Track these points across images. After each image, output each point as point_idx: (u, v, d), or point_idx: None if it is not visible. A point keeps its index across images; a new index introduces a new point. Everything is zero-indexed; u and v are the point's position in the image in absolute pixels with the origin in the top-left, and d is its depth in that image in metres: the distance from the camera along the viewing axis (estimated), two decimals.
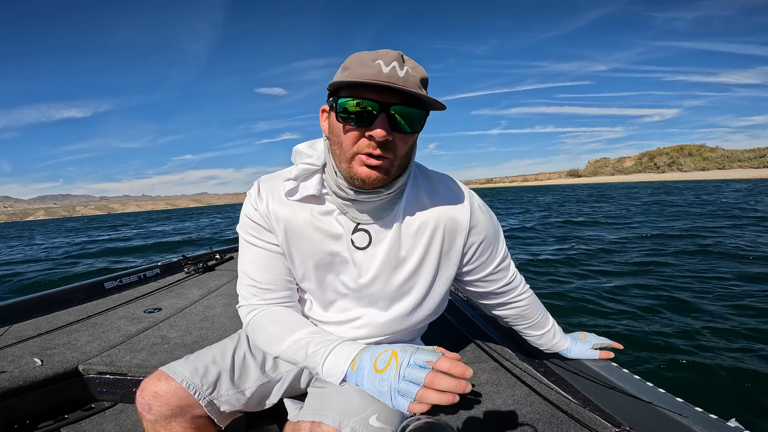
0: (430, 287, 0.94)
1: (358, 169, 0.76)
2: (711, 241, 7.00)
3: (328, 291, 0.95)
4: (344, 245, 0.88)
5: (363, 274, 0.90)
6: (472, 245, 0.95)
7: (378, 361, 0.70)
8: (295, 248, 0.90)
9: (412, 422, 0.60)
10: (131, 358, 1.48)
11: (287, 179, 0.88)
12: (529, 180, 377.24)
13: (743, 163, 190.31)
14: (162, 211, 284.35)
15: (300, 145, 0.90)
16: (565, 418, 1.05)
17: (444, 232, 0.90)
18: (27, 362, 1.43)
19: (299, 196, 0.87)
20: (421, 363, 0.65)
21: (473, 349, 1.54)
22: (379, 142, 0.73)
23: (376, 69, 0.70)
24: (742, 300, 3.62)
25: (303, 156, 0.87)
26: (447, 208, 0.91)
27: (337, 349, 0.77)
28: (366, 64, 0.71)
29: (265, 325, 0.90)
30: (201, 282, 2.82)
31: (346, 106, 0.73)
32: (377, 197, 0.82)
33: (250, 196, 0.93)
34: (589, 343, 1.25)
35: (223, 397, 0.92)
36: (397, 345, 0.72)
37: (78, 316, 2.00)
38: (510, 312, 1.13)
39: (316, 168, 0.86)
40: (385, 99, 0.72)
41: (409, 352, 0.68)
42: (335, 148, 0.80)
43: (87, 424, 1.33)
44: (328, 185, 0.86)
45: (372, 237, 0.88)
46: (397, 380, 0.65)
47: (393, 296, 0.93)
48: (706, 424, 0.90)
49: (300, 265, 0.92)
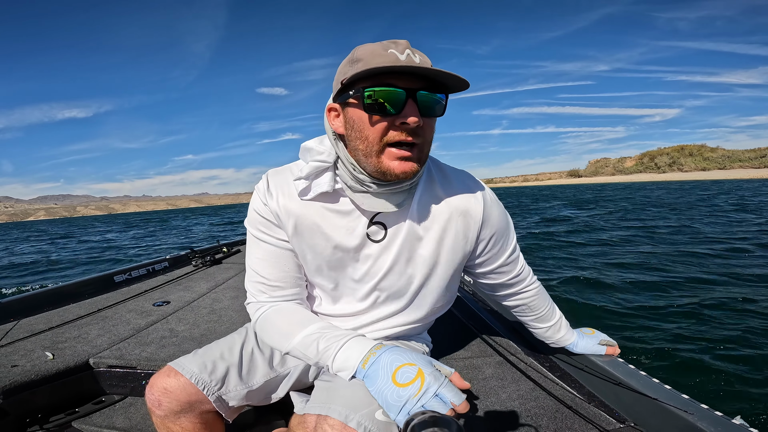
0: (442, 279, 0.95)
1: (390, 164, 0.75)
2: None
3: (341, 285, 0.95)
4: (360, 239, 0.88)
5: (378, 267, 0.90)
6: (484, 238, 0.95)
7: (398, 374, 0.68)
8: (307, 244, 0.90)
9: (418, 416, 0.60)
10: (140, 352, 1.50)
11: (298, 178, 0.86)
12: (529, 180, 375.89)
13: (744, 163, 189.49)
14: (138, 213, 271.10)
15: (309, 142, 0.89)
16: (569, 414, 1.05)
17: (457, 224, 0.90)
18: (39, 356, 1.45)
19: (312, 195, 0.85)
20: (446, 400, 0.65)
21: (478, 343, 1.54)
22: (412, 129, 0.73)
23: (392, 57, 0.70)
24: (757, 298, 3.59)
25: (314, 153, 0.85)
26: (461, 201, 0.91)
27: (348, 344, 0.77)
28: (380, 54, 0.71)
29: (274, 321, 0.91)
30: (208, 275, 2.84)
31: (374, 96, 0.71)
32: (399, 188, 0.82)
33: (258, 190, 0.92)
34: (596, 339, 1.25)
35: (231, 393, 0.93)
36: (422, 359, 0.71)
37: (88, 310, 2.03)
38: (517, 302, 1.14)
39: (328, 165, 0.85)
40: (410, 85, 0.71)
41: (439, 383, 0.66)
42: (358, 144, 0.77)
43: (97, 418, 1.35)
44: (343, 180, 0.85)
45: (388, 230, 0.88)
46: (414, 403, 0.65)
47: (406, 289, 0.93)
48: (712, 421, 0.90)
49: (312, 261, 0.92)
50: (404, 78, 0.71)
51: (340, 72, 0.77)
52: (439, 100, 0.75)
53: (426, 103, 0.73)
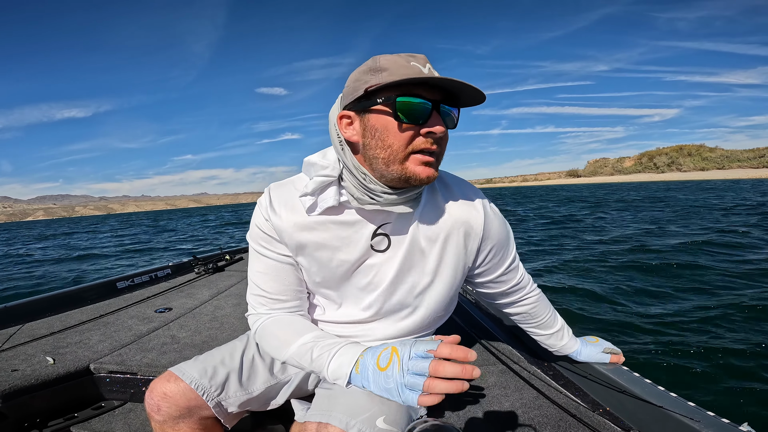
0: (444, 289, 0.95)
1: (415, 169, 0.77)
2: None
3: (344, 295, 0.95)
4: (364, 249, 0.88)
5: (381, 277, 0.90)
6: (484, 249, 0.96)
7: (380, 360, 0.70)
8: (312, 258, 0.90)
9: (419, 424, 0.60)
10: (141, 358, 1.50)
11: (304, 194, 0.85)
12: (528, 180, 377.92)
13: (742, 163, 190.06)
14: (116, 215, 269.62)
15: (311, 157, 0.88)
16: (573, 422, 1.04)
17: (459, 236, 0.91)
18: (39, 360, 1.45)
19: (320, 210, 0.84)
20: (422, 353, 0.65)
21: (481, 351, 1.53)
22: (438, 137, 0.77)
23: (416, 69, 0.73)
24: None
25: (318, 168, 0.84)
26: (462, 212, 0.91)
27: (340, 352, 0.77)
28: (404, 65, 0.73)
29: (272, 331, 0.91)
30: (211, 282, 2.84)
31: (406, 105, 0.73)
32: (407, 196, 0.83)
33: (260, 205, 0.92)
34: (600, 347, 1.24)
35: (231, 399, 0.92)
36: (395, 340, 0.72)
37: (90, 316, 2.03)
38: (518, 310, 1.14)
39: (333, 179, 0.84)
40: (433, 97, 0.75)
41: (408, 345, 0.68)
42: (378, 152, 0.77)
43: (96, 423, 1.35)
44: (349, 192, 0.84)
45: (391, 241, 0.89)
46: (401, 375, 0.65)
47: (408, 298, 0.93)
48: (718, 428, 0.88)
49: (317, 273, 0.92)
50: (428, 90, 0.75)
51: (360, 80, 0.76)
52: (455, 113, 0.80)
53: (446, 114, 0.77)
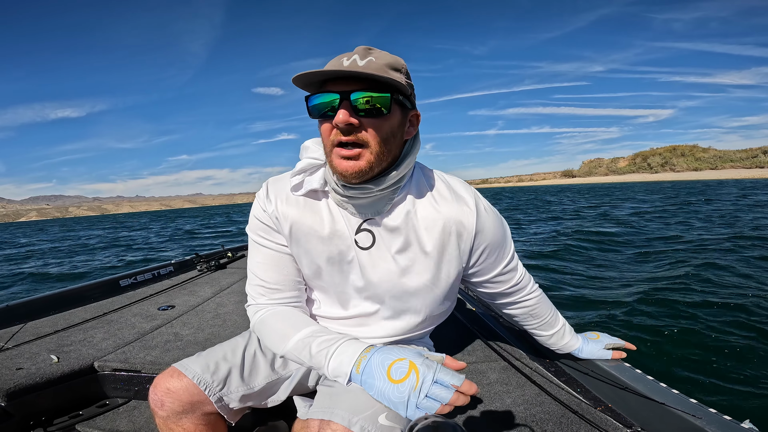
0: (438, 289, 0.94)
1: (336, 161, 0.78)
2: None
3: (336, 290, 0.96)
4: (349, 245, 0.89)
5: (368, 274, 0.90)
6: (478, 248, 0.93)
7: (392, 370, 0.69)
8: (302, 248, 0.91)
9: (421, 421, 0.60)
10: (145, 355, 1.50)
11: (293, 174, 0.90)
12: (524, 180, 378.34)
13: (735, 163, 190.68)
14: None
15: (307, 142, 0.93)
16: (575, 419, 1.04)
17: (450, 234, 0.89)
18: (44, 359, 1.46)
19: (304, 191, 0.88)
20: (446, 384, 0.67)
21: (483, 348, 1.53)
22: (343, 128, 0.75)
23: (338, 64, 0.75)
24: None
25: (309, 151, 0.89)
26: (453, 211, 0.89)
27: (340, 349, 0.77)
28: (332, 63, 0.76)
29: (271, 324, 0.91)
30: (213, 280, 2.85)
31: (312, 102, 0.78)
32: (369, 193, 0.82)
33: (258, 197, 0.95)
34: (602, 343, 1.24)
35: (233, 394, 0.93)
36: (410, 352, 0.72)
37: (94, 314, 2.04)
38: (519, 311, 1.13)
39: (320, 163, 0.88)
40: (344, 88, 0.74)
41: (433, 370, 0.68)
42: (323, 145, 0.82)
43: (101, 421, 1.36)
44: (329, 181, 0.87)
45: (376, 238, 0.88)
46: (417, 395, 0.66)
47: (400, 296, 0.93)
48: (720, 425, 0.88)
49: (308, 265, 0.93)
50: (341, 82, 0.75)
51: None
52: (381, 99, 0.74)
53: (362, 103, 0.74)
